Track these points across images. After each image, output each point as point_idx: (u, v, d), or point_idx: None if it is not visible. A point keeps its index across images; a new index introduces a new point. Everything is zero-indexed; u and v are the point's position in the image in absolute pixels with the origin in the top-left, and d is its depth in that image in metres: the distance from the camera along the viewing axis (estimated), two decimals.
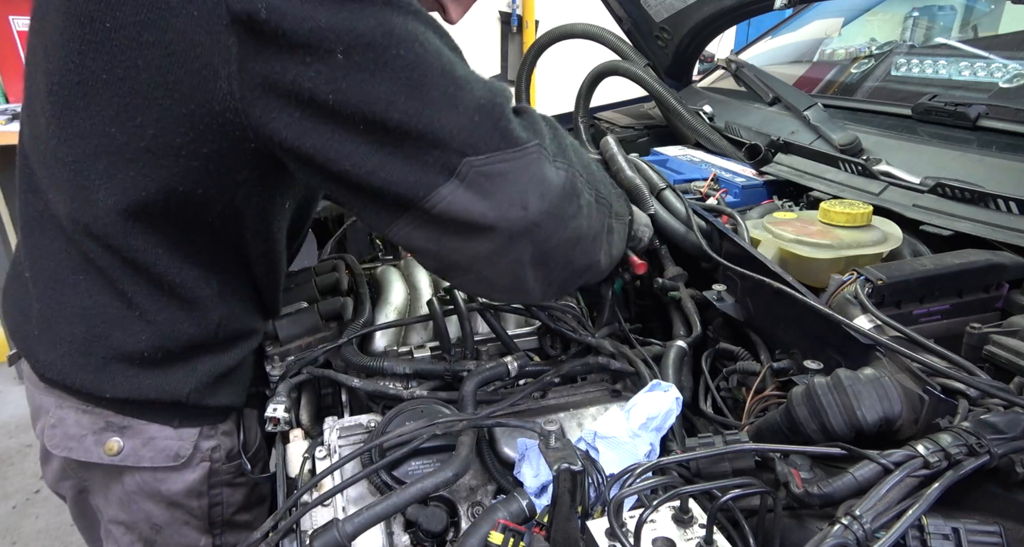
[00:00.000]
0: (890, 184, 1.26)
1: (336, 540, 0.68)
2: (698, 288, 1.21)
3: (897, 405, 0.78)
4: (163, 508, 0.98)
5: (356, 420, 0.94)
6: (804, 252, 1.09)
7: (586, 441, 0.79)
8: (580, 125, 1.88)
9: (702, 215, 1.22)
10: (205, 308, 0.90)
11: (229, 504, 1.04)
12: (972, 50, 1.55)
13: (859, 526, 0.59)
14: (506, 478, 0.84)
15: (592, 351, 1.05)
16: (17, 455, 2.87)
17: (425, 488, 0.73)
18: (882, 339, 0.84)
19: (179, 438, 0.95)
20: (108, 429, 0.93)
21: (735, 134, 1.67)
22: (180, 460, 0.95)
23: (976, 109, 1.28)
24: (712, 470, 0.78)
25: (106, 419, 0.92)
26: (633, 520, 0.62)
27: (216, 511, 1.02)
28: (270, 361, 1.08)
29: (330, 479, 0.83)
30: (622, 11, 1.92)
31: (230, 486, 1.03)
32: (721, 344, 1.14)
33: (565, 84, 2.73)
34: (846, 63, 1.84)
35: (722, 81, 2.00)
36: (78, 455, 0.93)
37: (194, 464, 0.97)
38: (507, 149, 0.67)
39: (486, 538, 0.68)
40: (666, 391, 0.82)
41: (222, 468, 1.00)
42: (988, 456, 0.65)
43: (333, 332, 1.12)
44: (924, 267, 0.95)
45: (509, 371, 0.94)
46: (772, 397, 0.99)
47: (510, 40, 4.81)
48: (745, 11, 1.75)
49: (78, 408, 0.92)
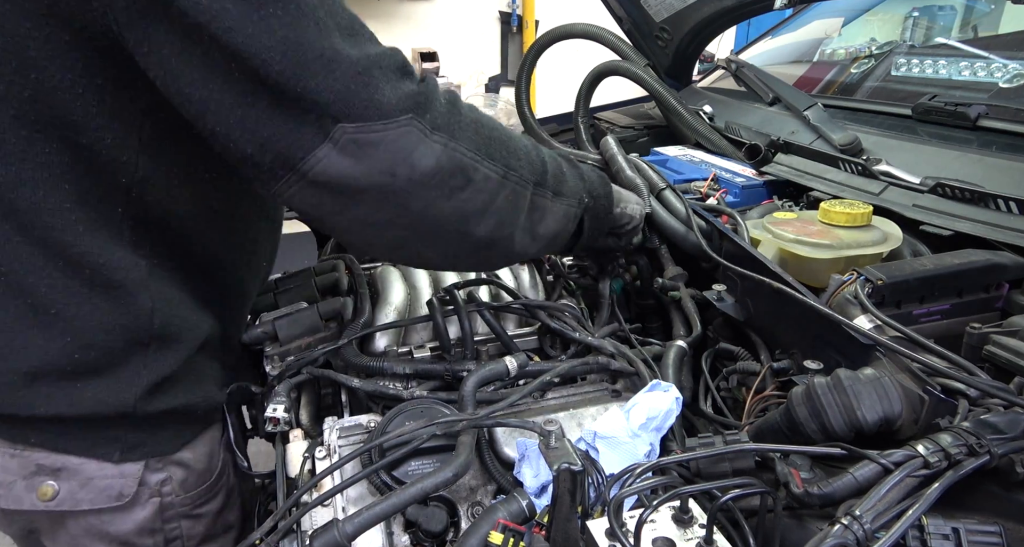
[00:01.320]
0: (890, 184, 1.26)
1: (336, 540, 0.68)
2: (698, 288, 1.21)
3: (897, 405, 0.78)
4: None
5: (356, 420, 0.94)
6: (804, 252, 1.09)
7: (586, 441, 0.79)
8: (580, 125, 1.88)
9: (702, 215, 1.22)
10: (133, 294, 0.82)
11: (190, 537, 0.97)
12: (972, 50, 1.55)
13: (859, 526, 0.59)
14: (506, 478, 0.84)
15: (592, 351, 1.05)
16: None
17: (425, 488, 0.73)
18: (882, 339, 0.84)
19: (121, 475, 0.87)
20: (40, 473, 0.85)
21: (735, 134, 1.67)
22: (124, 499, 0.88)
23: (976, 109, 1.28)
24: (712, 470, 0.78)
25: (36, 462, 0.85)
26: (633, 520, 0.62)
27: (175, 545, 0.96)
28: (270, 361, 1.08)
29: (330, 479, 0.83)
30: (622, 11, 1.92)
31: (188, 518, 0.96)
32: (721, 344, 1.14)
33: (565, 84, 2.73)
34: (846, 63, 1.84)
35: (722, 81, 2.00)
36: (7, 504, 0.86)
37: (143, 501, 0.90)
38: (378, 120, 0.69)
39: (486, 538, 0.68)
40: (666, 391, 0.82)
41: (176, 501, 0.93)
42: (988, 456, 0.65)
43: (333, 332, 1.12)
44: (924, 267, 0.95)
45: (509, 371, 0.94)
46: (772, 397, 0.99)
47: (510, 40, 4.81)
48: (745, 11, 1.75)
49: (4, 452, 0.84)
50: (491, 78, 4.85)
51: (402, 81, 0.72)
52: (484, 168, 0.78)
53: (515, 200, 0.84)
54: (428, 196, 0.75)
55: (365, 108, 0.68)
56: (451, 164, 0.75)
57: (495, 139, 0.81)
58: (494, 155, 0.80)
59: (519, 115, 2.02)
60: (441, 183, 0.75)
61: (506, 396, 0.90)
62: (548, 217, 0.91)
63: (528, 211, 0.88)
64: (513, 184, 0.83)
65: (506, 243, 0.87)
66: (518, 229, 0.87)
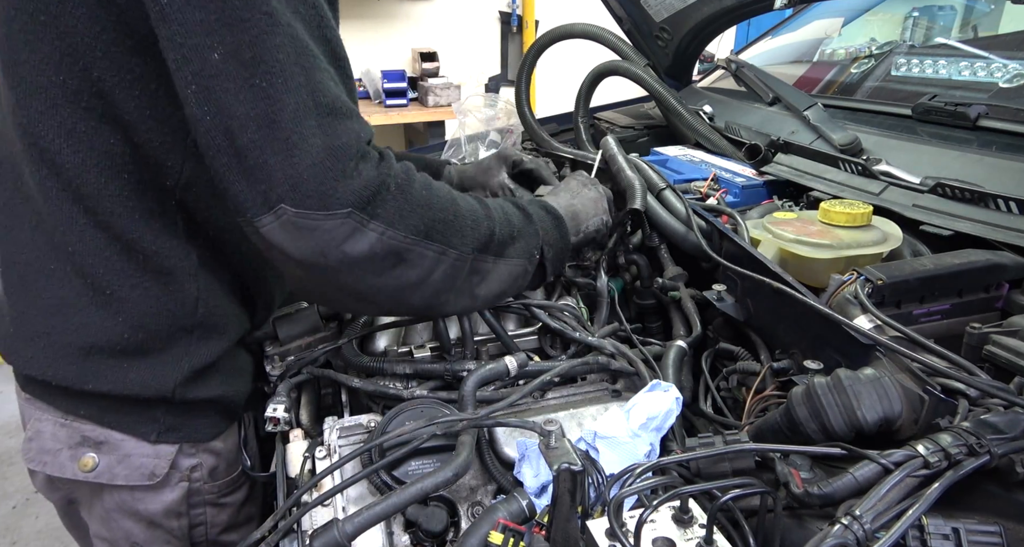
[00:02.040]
0: (890, 184, 1.26)
1: (336, 540, 0.68)
2: (698, 288, 1.21)
3: (897, 405, 0.78)
4: (143, 527, 0.96)
5: (356, 420, 0.94)
6: (804, 252, 1.09)
7: (586, 441, 0.79)
8: (580, 125, 1.88)
9: (702, 215, 1.22)
10: (182, 282, 0.89)
11: (213, 524, 1.01)
12: (972, 50, 1.55)
13: (859, 526, 0.59)
14: (506, 478, 0.84)
15: (592, 351, 1.05)
16: (17, 455, 2.87)
17: (425, 488, 0.73)
18: (882, 339, 0.84)
19: (156, 456, 0.93)
20: (84, 444, 0.91)
21: (735, 134, 1.67)
22: (155, 479, 0.93)
23: (976, 109, 1.28)
24: (712, 470, 0.78)
25: (82, 433, 0.91)
26: (633, 520, 0.62)
27: (198, 531, 1.00)
28: (270, 361, 1.08)
29: (330, 479, 0.83)
30: (622, 11, 1.92)
31: (214, 506, 1.00)
32: (721, 344, 1.14)
33: (565, 84, 2.73)
34: (846, 63, 1.84)
35: (722, 81, 2.00)
36: (52, 470, 0.92)
37: (172, 484, 0.95)
38: (319, 211, 0.72)
39: (486, 538, 0.68)
40: (666, 391, 0.82)
41: (203, 488, 0.98)
42: (988, 456, 0.65)
43: (333, 332, 1.12)
44: (924, 267, 0.95)
45: (509, 371, 0.94)
46: (772, 397, 0.98)
47: (510, 40, 4.81)
48: (745, 11, 1.75)
49: (56, 421, 0.91)
50: (491, 78, 4.84)
51: (356, 172, 0.74)
52: (420, 248, 0.81)
53: (452, 273, 0.86)
54: (359, 274, 0.79)
55: (309, 197, 0.72)
56: (384, 250, 0.78)
57: (439, 220, 0.83)
58: (433, 236, 0.82)
59: (519, 115, 2.02)
60: (372, 266, 0.79)
61: (506, 396, 0.90)
62: (490, 279, 0.93)
63: (468, 275, 0.89)
64: (452, 260, 0.85)
65: (443, 308, 0.91)
66: (454, 294, 0.89)
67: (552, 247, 1.02)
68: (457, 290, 0.89)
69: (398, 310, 0.89)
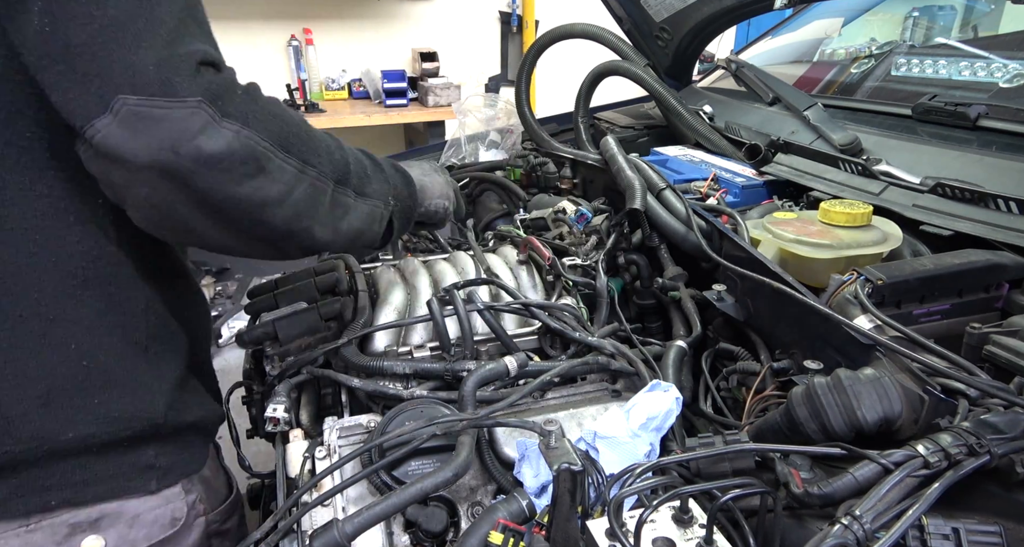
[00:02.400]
0: (890, 184, 1.26)
1: (336, 540, 0.68)
2: (698, 288, 1.21)
3: (897, 405, 0.78)
4: None
5: (356, 420, 0.94)
6: (804, 252, 1.09)
7: (586, 441, 0.79)
8: (580, 125, 1.88)
9: (702, 215, 1.22)
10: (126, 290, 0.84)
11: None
12: (972, 50, 1.55)
13: (859, 526, 0.59)
14: (506, 478, 0.84)
15: (592, 351, 1.05)
16: None
17: (425, 488, 0.73)
18: (882, 339, 0.84)
19: (166, 502, 0.87)
20: (75, 533, 0.81)
21: (735, 134, 1.67)
22: (178, 524, 0.88)
23: (976, 109, 1.28)
24: (712, 470, 0.78)
25: (67, 523, 0.81)
26: (633, 520, 0.62)
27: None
28: (270, 361, 1.08)
29: (330, 479, 0.83)
30: (622, 11, 1.92)
31: (219, 535, 0.97)
32: (721, 344, 1.14)
33: (565, 84, 2.73)
34: (846, 63, 1.84)
35: (722, 81, 2.00)
36: None
37: (190, 523, 0.91)
38: (164, 97, 0.69)
39: (486, 538, 0.68)
40: (666, 391, 0.82)
41: (211, 518, 0.95)
42: (988, 456, 0.65)
43: (333, 332, 1.12)
44: (924, 267, 0.95)
45: (509, 371, 0.94)
46: (772, 397, 0.99)
47: (510, 40, 4.81)
48: (745, 11, 1.75)
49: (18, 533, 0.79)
50: (491, 78, 4.84)
51: (203, 70, 0.72)
52: (279, 159, 0.78)
53: (314, 194, 0.85)
54: (216, 178, 0.74)
55: (151, 85, 0.68)
56: (244, 151, 0.74)
57: (294, 133, 0.81)
58: (290, 149, 0.80)
59: (519, 115, 2.02)
60: (231, 167, 0.75)
61: (506, 396, 0.90)
62: (351, 215, 0.92)
63: (330, 206, 0.88)
64: (312, 178, 0.83)
65: (305, 235, 0.87)
66: (317, 223, 0.87)
67: (400, 202, 1.02)
68: (320, 220, 0.87)
69: (257, 230, 0.82)
